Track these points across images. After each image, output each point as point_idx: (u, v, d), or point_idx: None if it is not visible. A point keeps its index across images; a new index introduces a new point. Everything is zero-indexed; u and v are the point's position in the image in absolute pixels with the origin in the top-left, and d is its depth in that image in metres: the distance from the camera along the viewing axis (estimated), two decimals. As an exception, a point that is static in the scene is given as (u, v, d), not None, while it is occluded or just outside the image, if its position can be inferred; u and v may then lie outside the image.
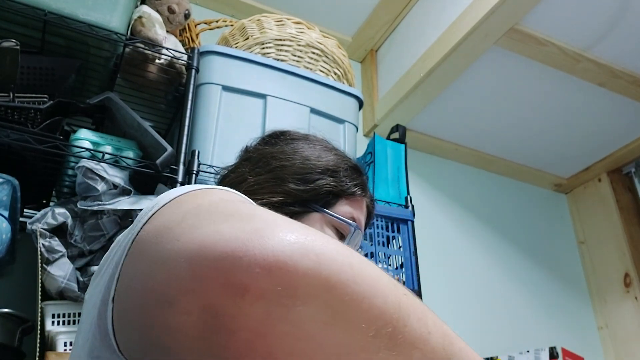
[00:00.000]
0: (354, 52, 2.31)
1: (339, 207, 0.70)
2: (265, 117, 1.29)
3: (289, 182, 0.68)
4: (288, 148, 0.73)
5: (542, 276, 2.30)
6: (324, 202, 0.69)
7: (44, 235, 1.02)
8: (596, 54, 1.85)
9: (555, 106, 2.09)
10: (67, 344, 1.02)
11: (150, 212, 0.42)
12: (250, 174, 0.71)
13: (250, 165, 0.72)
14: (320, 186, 0.69)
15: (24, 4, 1.08)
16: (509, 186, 2.47)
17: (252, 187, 0.69)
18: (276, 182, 0.69)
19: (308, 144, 0.74)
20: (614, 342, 2.23)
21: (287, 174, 0.69)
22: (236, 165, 0.76)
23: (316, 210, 0.69)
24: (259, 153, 0.74)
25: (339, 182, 0.71)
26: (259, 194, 0.68)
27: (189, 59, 1.27)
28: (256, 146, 0.77)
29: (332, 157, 0.73)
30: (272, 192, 0.68)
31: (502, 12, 1.62)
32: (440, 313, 1.67)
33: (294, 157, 0.71)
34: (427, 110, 2.08)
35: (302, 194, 0.68)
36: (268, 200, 0.67)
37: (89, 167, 1.06)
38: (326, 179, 0.70)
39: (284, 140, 0.76)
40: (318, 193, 0.69)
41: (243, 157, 0.77)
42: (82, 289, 1.05)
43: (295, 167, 0.70)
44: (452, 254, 2.12)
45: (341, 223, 0.69)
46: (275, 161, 0.71)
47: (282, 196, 0.67)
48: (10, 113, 1.04)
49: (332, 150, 0.75)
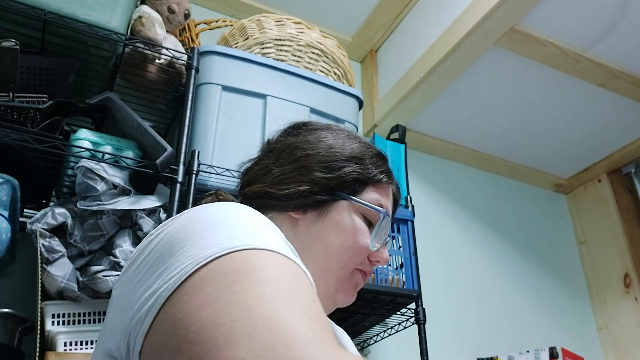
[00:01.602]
0: (354, 52, 2.31)
1: (366, 195, 0.70)
2: (265, 117, 1.29)
3: (314, 171, 0.68)
4: (312, 137, 0.72)
5: (542, 276, 2.30)
6: (350, 189, 0.69)
7: (44, 235, 1.02)
8: (596, 54, 1.85)
9: (555, 106, 2.09)
10: (67, 343, 1.02)
11: (186, 267, 0.42)
12: (275, 164, 0.70)
13: (274, 156, 0.72)
14: (346, 173, 0.68)
15: (24, 4, 1.07)
16: (509, 186, 2.47)
17: (278, 177, 0.68)
18: (301, 171, 0.68)
19: (331, 133, 0.74)
20: (613, 342, 2.23)
21: (313, 162, 0.69)
22: (260, 158, 0.75)
23: (343, 198, 0.68)
24: (282, 144, 0.73)
25: (365, 169, 0.70)
26: (284, 183, 0.68)
27: (189, 59, 1.27)
28: (279, 138, 0.76)
29: (357, 145, 0.73)
30: (299, 182, 0.67)
31: (502, 12, 1.62)
32: (440, 313, 1.68)
33: (319, 146, 0.71)
34: (427, 111, 2.08)
35: (328, 182, 0.68)
36: (295, 190, 0.67)
37: (88, 167, 1.06)
38: (352, 166, 0.69)
39: (307, 130, 0.75)
40: (344, 181, 0.68)
41: (266, 149, 0.76)
42: (82, 289, 1.05)
43: (320, 155, 0.69)
44: (452, 254, 2.12)
45: (370, 210, 0.69)
46: (299, 151, 0.70)
47: (309, 185, 0.67)
48: (10, 113, 1.04)
49: (355, 139, 0.75)
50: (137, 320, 0.43)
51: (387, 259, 0.71)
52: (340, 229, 0.67)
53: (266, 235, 0.47)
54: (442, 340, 1.83)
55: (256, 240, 0.45)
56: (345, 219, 0.67)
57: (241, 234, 0.45)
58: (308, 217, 0.67)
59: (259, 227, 0.48)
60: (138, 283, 0.46)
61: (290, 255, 0.46)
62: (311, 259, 0.65)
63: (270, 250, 0.44)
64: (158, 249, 0.47)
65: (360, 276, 0.71)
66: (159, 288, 0.43)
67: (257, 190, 0.70)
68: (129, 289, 0.47)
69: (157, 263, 0.46)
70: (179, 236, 0.46)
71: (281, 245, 0.47)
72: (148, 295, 0.43)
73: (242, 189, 0.74)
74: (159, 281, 0.44)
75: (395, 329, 1.57)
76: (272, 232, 0.49)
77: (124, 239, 1.09)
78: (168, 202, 1.11)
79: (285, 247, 0.47)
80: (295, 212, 0.67)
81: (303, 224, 0.67)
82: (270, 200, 0.68)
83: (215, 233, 0.45)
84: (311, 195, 0.67)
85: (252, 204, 0.69)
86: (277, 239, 0.48)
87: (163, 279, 0.43)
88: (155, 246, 0.48)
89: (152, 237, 0.50)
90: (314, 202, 0.67)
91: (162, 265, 0.45)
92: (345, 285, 0.69)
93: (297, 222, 0.67)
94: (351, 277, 0.69)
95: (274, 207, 0.68)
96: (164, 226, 0.51)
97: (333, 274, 0.67)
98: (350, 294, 0.70)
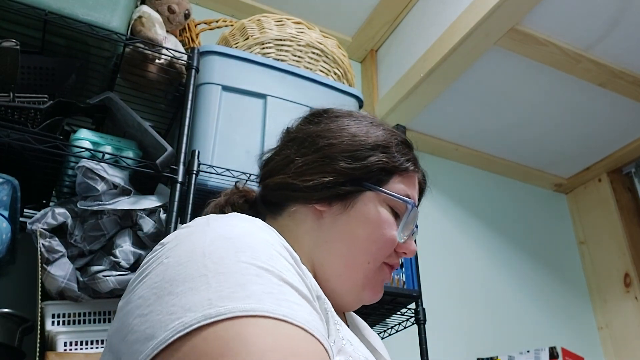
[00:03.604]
0: (354, 52, 2.31)
1: (392, 185, 0.67)
2: (265, 117, 1.29)
3: (339, 161, 0.65)
4: (334, 125, 0.69)
5: (542, 276, 2.30)
6: (376, 179, 0.66)
7: (44, 235, 1.02)
8: (596, 54, 1.85)
9: (555, 106, 2.09)
10: (67, 343, 1.02)
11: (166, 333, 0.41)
12: (297, 154, 0.67)
13: (295, 146, 0.69)
14: (372, 163, 0.65)
15: (24, 4, 1.07)
16: (509, 186, 2.47)
17: (301, 168, 0.65)
18: (325, 161, 0.65)
19: (354, 120, 0.70)
20: (614, 342, 2.23)
21: (336, 152, 0.65)
22: (280, 148, 0.72)
23: (370, 188, 0.65)
24: (303, 133, 0.70)
25: (390, 157, 0.67)
26: (308, 174, 0.65)
27: (189, 59, 1.27)
28: (299, 126, 0.73)
29: (381, 132, 0.69)
30: (323, 172, 0.64)
31: (502, 12, 1.62)
32: (440, 313, 1.68)
33: (342, 134, 0.67)
34: (427, 110, 2.08)
35: (353, 172, 0.65)
36: (319, 181, 0.64)
37: (89, 167, 1.06)
38: (378, 155, 0.66)
39: (328, 117, 0.72)
40: (370, 170, 0.65)
41: (286, 138, 0.72)
42: (82, 289, 1.05)
43: (344, 144, 0.66)
44: (452, 254, 2.12)
45: (397, 201, 0.66)
46: (322, 140, 0.67)
47: (333, 176, 0.64)
48: (10, 113, 1.04)
49: (379, 125, 0.71)
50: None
51: (414, 250, 0.69)
52: (367, 220, 0.64)
53: (257, 289, 0.43)
54: (442, 340, 1.83)
55: (242, 302, 0.41)
56: (371, 211, 0.65)
57: (227, 292, 0.42)
58: (333, 210, 0.65)
59: (254, 273, 0.44)
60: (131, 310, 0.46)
61: (285, 315, 0.42)
62: (337, 253, 0.64)
63: (258, 316, 0.41)
64: (154, 274, 0.46)
65: (387, 271, 0.68)
66: (138, 342, 0.42)
67: (279, 181, 0.67)
68: (126, 308, 0.47)
69: (147, 295, 0.45)
70: (171, 274, 0.45)
71: (274, 297, 0.43)
72: (132, 341, 0.43)
73: (263, 180, 0.71)
74: (140, 329, 0.43)
75: (395, 329, 1.57)
76: (268, 276, 0.44)
77: (124, 239, 1.09)
78: (168, 202, 1.11)
79: (280, 299, 0.43)
80: (320, 205, 0.65)
81: (328, 217, 0.65)
82: (293, 192, 0.65)
83: (201, 285, 0.42)
84: (336, 187, 0.64)
85: (274, 196, 0.68)
86: (270, 289, 0.43)
87: (145, 329, 0.42)
88: (154, 269, 0.47)
89: (159, 252, 0.49)
90: (339, 194, 0.64)
91: (147, 303, 0.44)
92: (372, 281, 0.66)
93: (322, 214, 0.65)
94: (379, 272, 0.66)
95: (296, 199, 0.66)
96: (170, 243, 0.49)
97: (360, 268, 0.64)
98: (378, 291, 0.67)
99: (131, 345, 0.43)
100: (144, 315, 0.43)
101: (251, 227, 0.50)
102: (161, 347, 0.40)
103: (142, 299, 0.45)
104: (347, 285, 0.64)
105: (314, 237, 0.65)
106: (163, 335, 0.41)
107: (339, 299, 0.64)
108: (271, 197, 0.69)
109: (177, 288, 0.43)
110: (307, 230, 0.65)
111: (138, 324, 0.43)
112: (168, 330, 0.41)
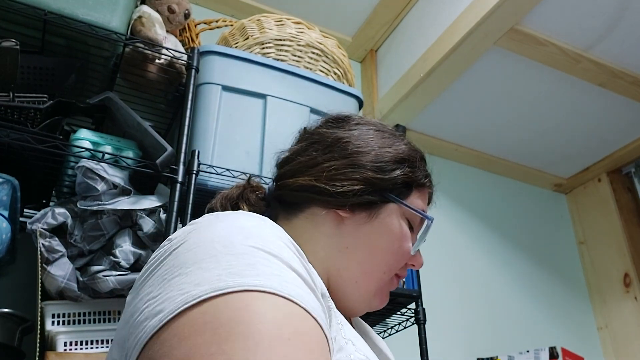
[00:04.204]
0: (354, 52, 2.31)
1: (412, 199, 0.69)
2: (265, 117, 1.29)
3: (367, 170, 0.66)
4: (360, 133, 0.70)
5: (542, 276, 2.31)
6: (398, 192, 0.67)
7: (44, 235, 1.02)
8: (596, 54, 1.85)
9: (555, 106, 2.09)
10: (67, 343, 1.02)
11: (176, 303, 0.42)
12: (324, 158, 0.67)
13: (321, 148, 0.69)
14: (397, 176, 0.67)
15: (24, 4, 1.07)
16: (509, 186, 2.48)
17: (330, 172, 0.66)
18: (354, 168, 0.66)
19: (379, 131, 0.71)
20: (614, 342, 2.23)
21: (367, 161, 0.66)
22: (302, 148, 0.71)
23: (393, 200, 0.67)
24: (330, 137, 0.69)
25: (413, 172, 0.69)
26: (337, 180, 0.65)
27: (189, 59, 1.27)
28: (321, 130, 0.72)
29: (405, 147, 0.71)
30: (352, 180, 0.65)
31: (502, 12, 1.62)
32: (440, 313, 1.68)
33: (370, 144, 0.68)
34: (427, 110, 2.08)
35: (380, 183, 0.66)
36: (349, 189, 0.64)
37: (88, 167, 1.06)
38: (403, 169, 0.68)
39: (353, 124, 0.72)
40: (395, 183, 0.67)
41: (308, 139, 0.72)
42: (82, 289, 1.05)
43: (372, 154, 0.67)
44: (451, 254, 2.12)
45: (415, 215, 0.68)
46: (351, 146, 0.67)
47: (362, 184, 0.65)
48: (10, 113, 1.04)
49: (400, 138, 0.72)
50: (129, 347, 0.44)
51: (422, 263, 0.71)
52: (389, 232, 0.66)
53: (265, 270, 0.44)
54: (442, 340, 1.83)
55: (251, 279, 0.42)
56: (394, 223, 0.66)
57: (236, 269, 0.43)
58: (356, 217, 0.65)
59: (262, 257, 0.45)
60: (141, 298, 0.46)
61: (291, 294, 0.43)
62: (355, 259, 0.65)
63: (266, 292, 0.42)
64: (164, 265, 0.47)
65: (396, 281, 0.70)
66: (147, 319, 0.42)
67: (303, 183, 0.66)
68: (136, 300, 0.48)
69: (157, 282, 0.46)
70: (181, 259, 0.46)
71: (282, 279, 0.44)
72: (139, 321, 0.43)
73: (283, 179, 0.70)
74: (149, 308, 0.43)
75: (395, 329, 1.57)
76: (277, 261, 0.46)
77: (124, 239, 1.09)
78: (168, 202, 1.11)
79: (287, 281, 0.44)
80: (343, 211, 0.65)
81: (350, 224, 0.65)
82: (319, 195, 0.65)
83: (211, 265, 0.43)
84: (363, 195, 0.65)
85: (294, 197, 0.68)
86: (278, 272, 0.45)
87: (154, 307, 0.43)
88: (165, 260, 0.48)
89: (167, 246, 0.50)
90: (365, 203, 0.65)
91: (158, 287, 0.45)
92: (383, 290, 0.68)
93: (344, 220, 0.65)
94: (390, 281, 0.68)
95: (318, 202, 0.66)
96: (180, 236, 0.50)
97: (376, 277, 0.66)
98: (385, 299, 0.70)
99: (139, 325, 0.43)
100: (154, 297, 0.44)
101: (260, 222, 0.51)
102: (169, 318, 0.41)
103: (152, 286, 0.46)
104: (361, 292, 0.66)
105: (333, 242, 0.65)
106: (171, 307, 0.41)
107: (349, 304, 0.66)
108: (289, 197, 0.69)
109: (187, 269, 0.44)
110: (326, 234, 0.66)
111: (147, 306, 0.44)
112: (176, 302, 0.41)
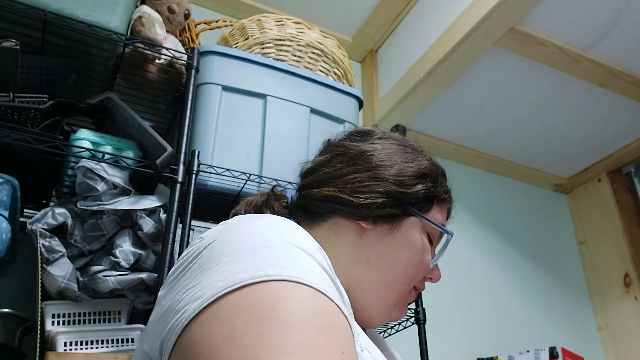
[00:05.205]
0: (354, 52, 2.31)
1: (432, 213, 0.70)
2: (265, 117, 1.29)
3: (391, 183, 0.67)
4: (383, 147, 0.71)
5: (542, 276, 2.30)
6: (419, 206, 0.69)
7: (44, 235, 1.02)
8: (596, 54, 1.85)
9: (555, 106, 2.09)
10: (67, 343, 1.02)
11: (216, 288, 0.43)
12: (348, 170, 0.69)
13: (346, 160, 0.70)
14: (419, 191, 0.68)
15: (24, 4, 1.07)
16: (509, 186, 2.48)
17: (354, 184, 0.67)
18: (378, 181, 0.67)
19: (402, 146, 0.73)
20: (614, 342, 2.23)
21: (390, 174, 0.68)
22: (327, 159, 0.72)
23: (415, 214, 0.68)
24: (354, 150, 0.71)
25: (435, 187, 0.71)
26: (361, 192, 0.66)
27: (189, 59, 1.27)
28: (345, 142, 0.74)
29: (427, 162, 0.73)
30: (375, 192, 0.66)
31: (502, 12, 1.62)
32: (440, 313, 1.68)
33: (394, 158, 0.70)
34: (427, 110, 2.08)
35: (403, 197, 0.67)
36: (372, 201, 0.66)
37: (89, 167, 1.06)
38: (426, 184, 0.69)
39: (377, 138, 0.74)
40: (416, 197, 0.68)
41: (333, 151, 0.73)
42: (82, 289, 1.05)
43: (395, 168, 0.69)
44: (451, 254, 2.10)
45: (435, 229, 0.70)
46: (375, 159, 0.69)
47: (385, 197, 0.66)
48: (10, 113, 1.04)
49: (422, 154, 0.74)
50: (167, 333, 0.45)
51: (440, 277, 0.73)
52: (410, 245, 0.67)
53: (302, 265, 0.46)
54: (442, 340, 1.83)
55: (289, 270, 0.44)
56: (415, 236, 0.68)
57: (275, 260, 0.45)
58: (378, 229, 0.67)
59: (298, 253, 0.48)
60: (180, 290, 0.47)
61: (325, 290, 0.45)
62: (376, 271, 0.66)
63: (303, 284, 0.44)
64: (200, 258, 0.48)
65: (414, 293, 0.71)
66: (187, 304, 0.44)
67: (327, 193, 0.68)
68: (172, 293, 0.49)
69: (195, 274, 0.47)
70: (218, 251, 0.47)
71: (317, 276, 0.46)
72: (179, 309, 0.45)
73: (307, 189, 0.71)
74: (189, 295, 0.45)
75: (395, 329, 1.57)
76: (311, 259, 0.48)
77: (124, 239, 1.09)
78: (168, 202, 1.11)
79: (322, 279, 0.47)
80: (365, 222, 0.66)
81: (372, 235, 0.67)
82: (342, 206, 0.67)
83: (250, 255, 0.45)
84: (386, 208, 0.66)
85: (318, 207, 0.69)
86: (313, 268, 0.47)
87: (194, 294, 0.44)
88: (200, 254, 0.49)
89: (200, 243, 0.51)
90: (387, 215, 0.67)
91: (196, 277, 0.46)
92: (402, 301, 0.69)
93: (366, 232, 0.67)
94: (409, 294, 0.70)
95: (341, 213, 0.67)
96: (212, 234, 0.51)
97: (396, 289, 0.67)
98: (404, 311, 0.71)
99: (178, 311, 0.45)
100: (194, 286, 0.45)
101: (293, 224, 0.54)
102: (210, 301, 0.42)
103: (190, 277, 0.47)
104: (381, 302, 0.67)
105: (355, 252, 0.67)
106: (212, 291, 0.43)
107: (369, 313, 0.67)
108: (313, 206, 0.70)
109: (225, 259, 0.46)
110: (347, 244, 0.67)
111: (187, 294, 0.45)
112: (217, 287, 0.43)
